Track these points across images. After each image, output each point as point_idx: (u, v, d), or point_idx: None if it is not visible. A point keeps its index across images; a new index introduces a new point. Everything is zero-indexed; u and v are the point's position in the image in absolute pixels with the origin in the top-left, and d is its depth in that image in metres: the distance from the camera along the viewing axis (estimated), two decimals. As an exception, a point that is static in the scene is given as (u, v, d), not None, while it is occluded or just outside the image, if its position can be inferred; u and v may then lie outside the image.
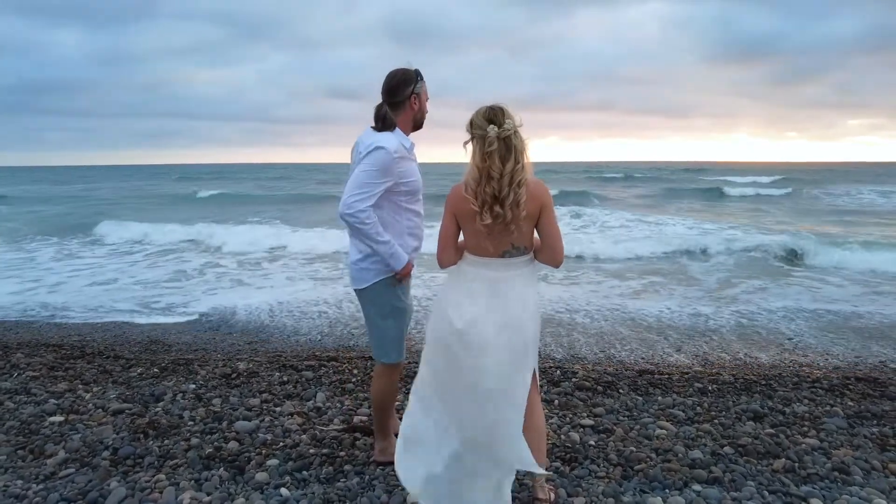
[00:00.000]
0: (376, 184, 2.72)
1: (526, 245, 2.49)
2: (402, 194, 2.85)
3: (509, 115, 2.37)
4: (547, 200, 2.45)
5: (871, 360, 5.41)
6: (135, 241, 14.41)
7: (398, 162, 2.76)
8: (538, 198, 2.42)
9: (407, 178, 2.83)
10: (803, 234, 13.84)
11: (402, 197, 2.85)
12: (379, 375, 3.03)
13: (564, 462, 3.18)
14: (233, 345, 5.91)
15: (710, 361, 5.36)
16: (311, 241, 13.24)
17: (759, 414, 3.87)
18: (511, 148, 2.35)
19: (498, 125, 2.34)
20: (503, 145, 2.34)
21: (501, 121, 2.35)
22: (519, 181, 2.34)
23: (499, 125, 2.34)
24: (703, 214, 21.36)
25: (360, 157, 2.80)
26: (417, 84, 2.87)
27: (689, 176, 55.44)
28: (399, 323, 2.97)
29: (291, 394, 4.24)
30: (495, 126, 2.33)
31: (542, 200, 2.43)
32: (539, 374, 2.67)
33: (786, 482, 2.99)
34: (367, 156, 2.73)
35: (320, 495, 2.83)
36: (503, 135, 2.33)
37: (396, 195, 2.83)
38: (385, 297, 2.92)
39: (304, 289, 8.68)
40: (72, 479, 3.00)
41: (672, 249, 11.98)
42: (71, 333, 6.32)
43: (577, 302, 7.68)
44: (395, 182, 2.79)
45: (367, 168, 2.71)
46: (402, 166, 2.80)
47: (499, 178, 2.33)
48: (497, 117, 2.36)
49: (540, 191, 2.43)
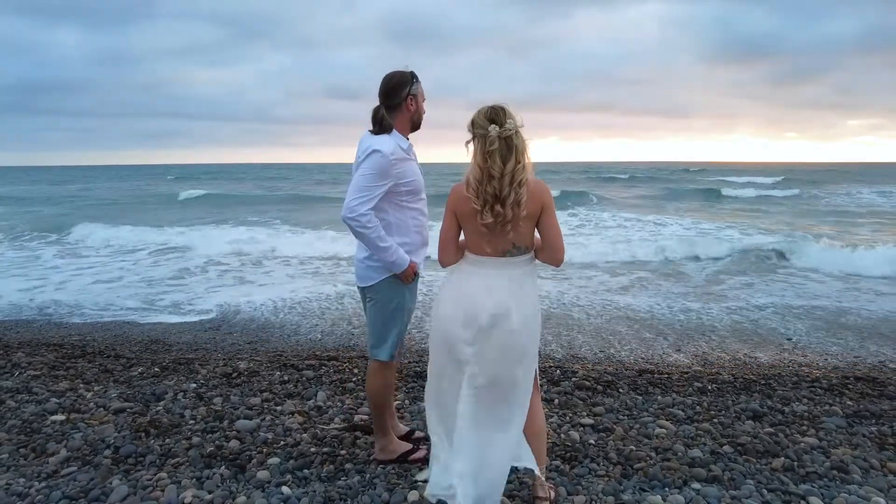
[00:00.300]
0: (375, 187, 2.76)
1: (527, 244, 2.51)
2: (403, 194, 2.87)
3: (511, 115, 2.38)
4: (547, 200, 2.47)
5: (869, 359, 5.43)
6: (104, 245, 13.74)
7: (395, 164, 2.79)
8: (539, 197, 2.43)
9: (406, 178, 2.86)
10: (798, 234, 13.91)
11: (403, 197, 2.88)
12: (373, 373, 3.05)
13: (565, 461, 3.20)
14: (233, 344, 5.92)
15: (709, 361, 5.37)
16: (295, 244, 12.87)
17: (758, 413, 3.89)
18: (512, 147, 2.36)
19: (499, 125, 2.35)
20: (504, 145, 2.35)
21: (503, 120, 2.36)
22: (520, 181, 2.36)
23: (500, 125, 2.35)
24: (703, 214, 21.37)
25: (358, 160, 2.84)
26: (413, 86, 2.90)
27: (689, 176, 55.27)
28: (400, 322, 2.99)
29: (292, 393, 4.25)
30: (496, 126, 2.35)
31: (542, 200, 2.44)
32: (539, 373, 2.68)
33: (785, 481, 3.00)
34: (365, 160, 2.77)
35: (321, 493, 2.84)
36: (504, 134, 2.35)
37: (398, 195, 2.86)
38: (389, 296, 2.94)
39: (304, 286, 8.69)
40: (74, 477, 3.01)
41: (666, 249, 11.87)
42: (72, 333, 6.34)
43: (574, 299, 7.70)
44: (395, 183, 2.81)
45: (365, 172, 2.76)
46: (400, 167, 2.82)
47: (500, 178, 2.34)
48: (498, 117, 2.37)
49: (540, 190, 2.44)
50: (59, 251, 12.88)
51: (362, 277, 2.98)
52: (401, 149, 2.85)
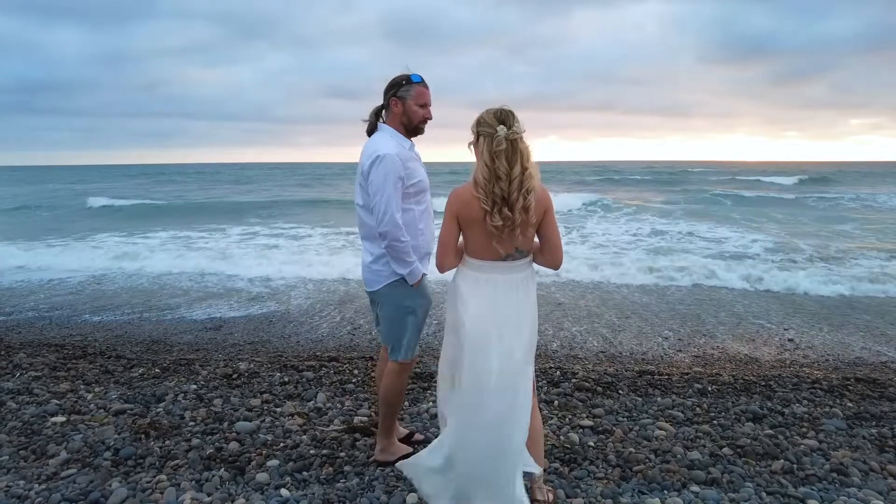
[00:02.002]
0: (398, 190, 2.78)
1: (527, 248, 2.51)
2: (410, 196, 2.87)
3: (518, 120, 2.39)
4: (549, 204, 2.48)
5: (872, 360, 5.42)
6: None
7: (404, 163, 2.81)
8: (543, 203, 2.44)
9: (413, 178, 2.86)
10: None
11: (410, 198, 2.88)
12: (390, 373, 3.06)
13: (563, 463, 3.20)
14: (234, 345, 5.93)
15: (709, 362, 5.37)
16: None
17: (758, 415, 3.88)
18: (517, 151, 2.36)
19: (507, 126, 2.35)
20: (511, 147, 2.34)
21: (511, 122, 2.36)
22: (528, 188, 2.36)
23: (508, 126, 2.35)
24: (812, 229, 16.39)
25: (362, 168, 2.84)
26: (402, 88, 2.89)
27: (714, 177, 49.30)
28: (413, 322, 3.00)
29: (292, 394, 4.26)
30: (505, 127, 2.35)
31: (545, 205, 2.45)
32: (538, 374, 2.68)
33: (784, 483, 3.00)
34: (374, 168, 2.77)
35: (320, 496, 2.84)
36: (512, 136, 2.34)
37: (405, 197, 2.84)
38: (398, 298, 2.95)
39: (304, 289, 8.70)
40: (73, 479, 3.02)
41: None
42: (73, 333, 6.35)
43: (573, 299, 7.69)
44: (404, 183, 2.82)
45: (387, 180, 2.75)
46: (409, 166, 2.84)
47: (506, 180, 2.34)
48: (507, 119, 2.37)
49: (544, 195, 2.45)
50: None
51: (369, 282, 3.00)
52: (404, 148, 2.88)
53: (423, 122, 2.97)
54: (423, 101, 2.94)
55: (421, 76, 2.94)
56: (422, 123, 2.97)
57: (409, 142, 2.96)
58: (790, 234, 14.67)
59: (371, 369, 4.78)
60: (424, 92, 2.93)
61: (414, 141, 3.01)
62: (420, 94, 2.92)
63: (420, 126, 2.98)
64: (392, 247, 2.80)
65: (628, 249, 12.42)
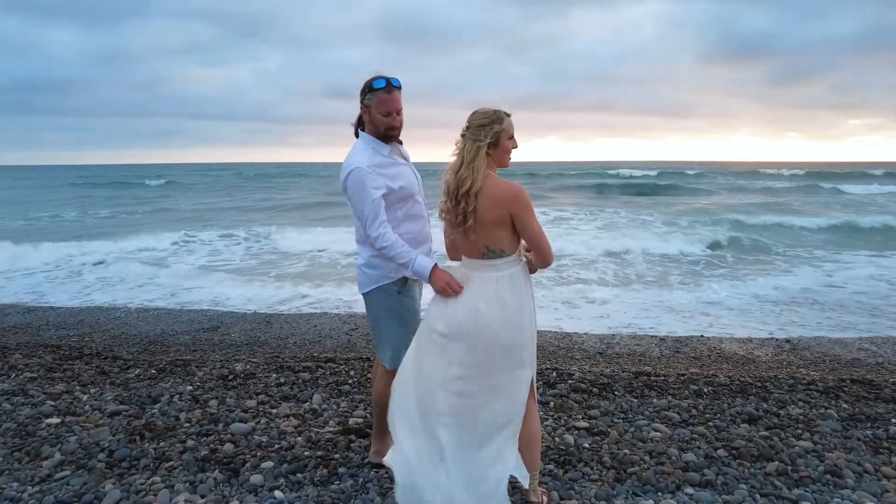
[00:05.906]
0: (372, 202, 2.68)
1: (503, 248, 2.46)
2: (394, 201, 2.78)
3: (476, 120, 2.40)
4: (516, 207, 2.40)
5: (869, 360, 5.42)
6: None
7: (377, 170, 2.72)
8: (504, 205, 2.39)
9: (396, 183, 2.78)
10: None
11: (394, 205, 2.79)
12: (379, 377, 3.03)
13: (558, 465, 3.19)
14: (231, 345, 5.93)
15: (706, 363, 5.36)
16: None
17: (753, 416, 3.88)
18: (461, 152, 2.42)
19: (465, 127, 2.43)
20: (461, 147, 2.43)
21: (468, 123, 2.43)
22: (466, 190, 2.36)
23: (465, 127, 2.43)
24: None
25: (341, 184, 2.79)
26: (367, 96, 2.77)
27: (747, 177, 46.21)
28: (400, 328, 2.90)
29: (288, 395, 4.25)
30: (465, 127, 2.43)
31: (510, 209, 2.39)
32: (536, 377, 2.66)
33: (778, 485, 2.99)
34: (347, 183, 2.72)
35: (314, 498, 2.84)
36: (461, 135, 2.43)
37: (388, 204, 2.76)
38: (384, 303, 2.91)
39: (302, 290, 8.69)
40: (67, 481, 3.01)
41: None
42: (70, 334, 6.34)
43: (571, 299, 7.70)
44: (389, 189, 2.75)
45: (354, 196, 2.71)
46: (387, 171, 2.76)
47: (453, 179, 2.41)
48: (469, 119, 2.44)
49: (506, 197, 2.39)
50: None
51: (360, 284, 2.98)
52: (381, 155, 2.80)
53: (389, 129, 2.81)
54: (386, 109, 2.76)
55: (386, 80, 2.73)
56: (389, 131, 2.81)
57: (388, 147, 2.85)
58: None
59: (368, 370, 4.77)
60: (387, 99, 2.74)
61: (403, 141, 2.94)
62: (382, 102, 2.75)
63: (388, 134, 2.82)
64: (381, 254, 2.75)
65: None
